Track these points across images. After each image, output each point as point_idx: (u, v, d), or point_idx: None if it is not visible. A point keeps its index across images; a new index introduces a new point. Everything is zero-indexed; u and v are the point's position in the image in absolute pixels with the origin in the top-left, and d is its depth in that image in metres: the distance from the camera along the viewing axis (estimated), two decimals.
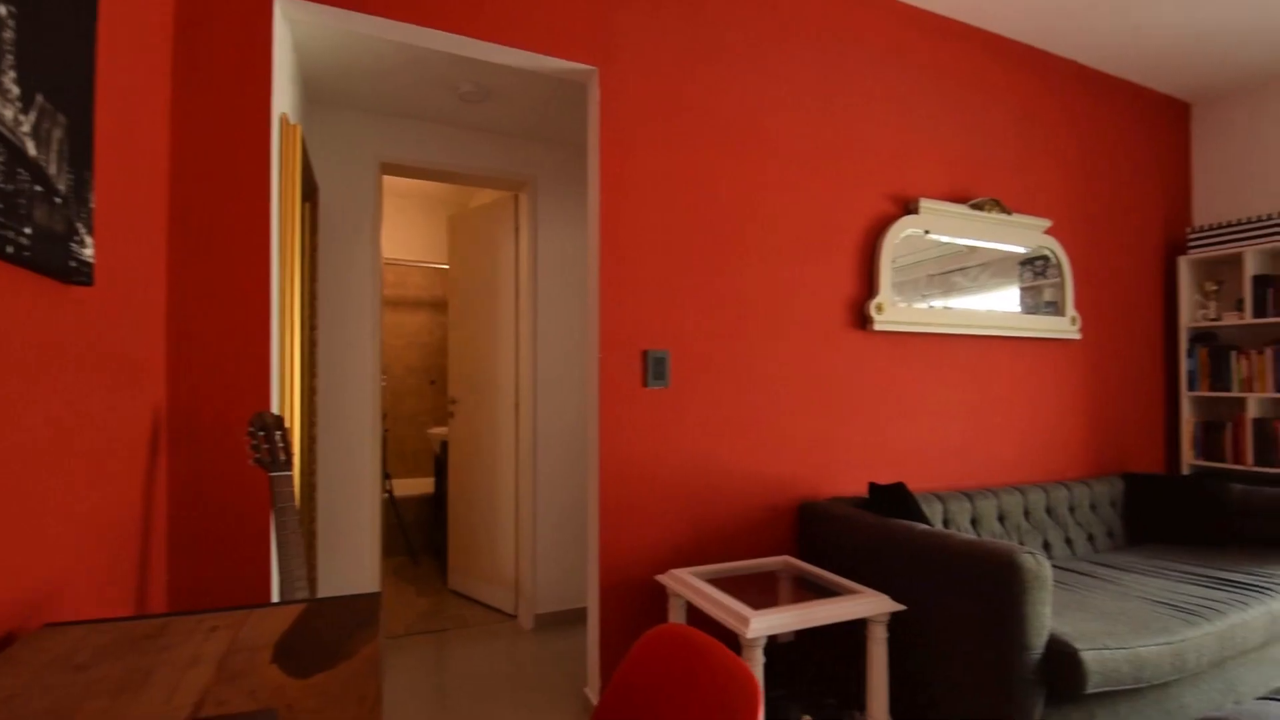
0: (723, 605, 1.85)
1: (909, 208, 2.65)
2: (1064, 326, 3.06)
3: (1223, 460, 3.39)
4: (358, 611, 0.92)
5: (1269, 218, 3.17)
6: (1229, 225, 3.32)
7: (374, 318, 2.94)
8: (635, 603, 2.21)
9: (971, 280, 2.94)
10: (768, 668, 2.04)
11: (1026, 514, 2.80)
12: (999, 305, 2.97)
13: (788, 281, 2.47)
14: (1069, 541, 2.87)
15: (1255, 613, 2.19)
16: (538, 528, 3.12)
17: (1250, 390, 3.26)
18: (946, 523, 2.57)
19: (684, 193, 2.30)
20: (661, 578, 2.12)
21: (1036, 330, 2.99)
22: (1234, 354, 3.32)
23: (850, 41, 2.61)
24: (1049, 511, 2.87)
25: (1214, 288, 3.45)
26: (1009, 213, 2.84)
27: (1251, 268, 3.26)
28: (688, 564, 2.30)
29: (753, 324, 2.42)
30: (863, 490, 2.61)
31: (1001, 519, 2.73)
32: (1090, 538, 2.94)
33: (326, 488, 2.86)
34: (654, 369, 2.21)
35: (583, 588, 3.23)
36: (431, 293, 5.12)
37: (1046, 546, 2.80)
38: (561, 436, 3.18)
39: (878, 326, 2.55)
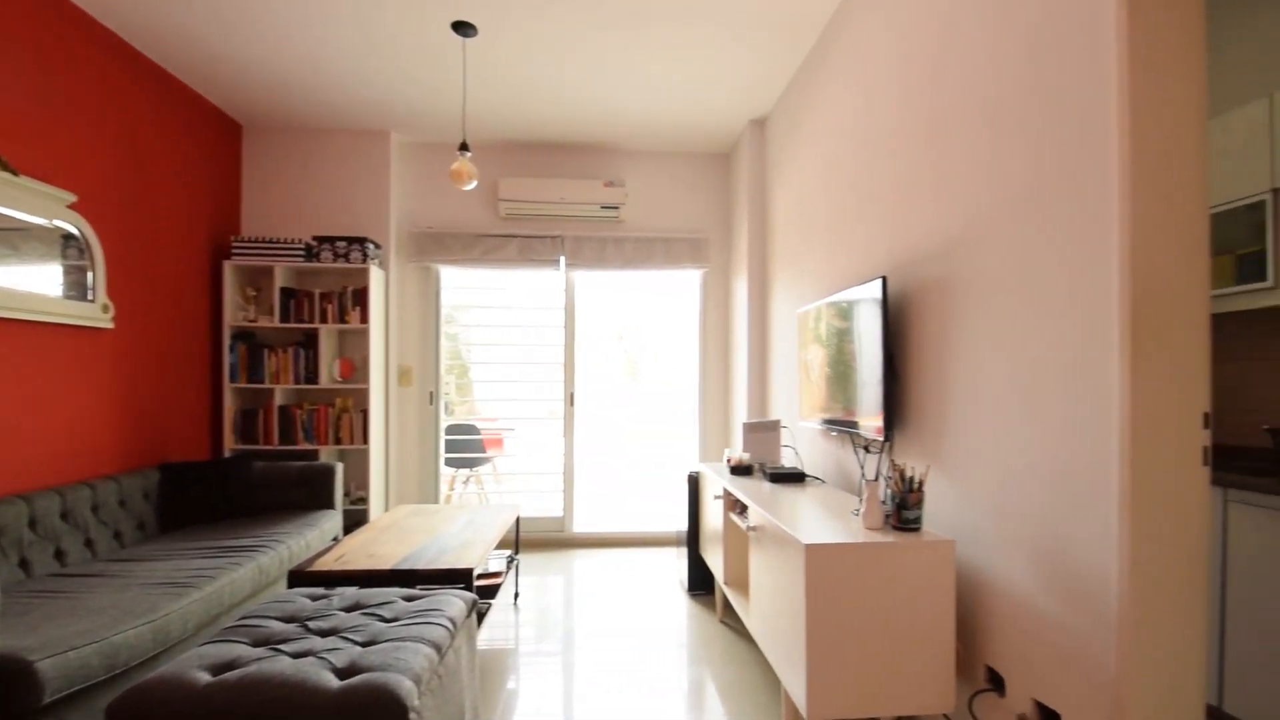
0: None
1: None
2: (94, 314, 2.84)
3: (257, 442, 3.94)
4: None
5: (294, 241, 3.91)
6: (267, 241, 3.90)
7: None
8: None
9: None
10: None
11: (33, 524, 2.43)
12: (27, 284, 2.49)
13: None
14: (90, 543, 2.66)
15: (245, 570, 2.60)
16: None
17: (278, 382, 3.93)
18: None
19: None
20: None
21: (58, 315, 2.65)
22: (266, 351, 3.93)
23: None
24: (65, 516, 2.58)
25: (254, 293, 3.98)
26: (16, 174, 2.41)
27: (280, 280, 3.94)
28: None
29: None
30: None
31: None
32: (117, 534, 2.83)
33: None
34: None
35: None
36: None
37: (59, 555, 2.51)
38: None
39: None
